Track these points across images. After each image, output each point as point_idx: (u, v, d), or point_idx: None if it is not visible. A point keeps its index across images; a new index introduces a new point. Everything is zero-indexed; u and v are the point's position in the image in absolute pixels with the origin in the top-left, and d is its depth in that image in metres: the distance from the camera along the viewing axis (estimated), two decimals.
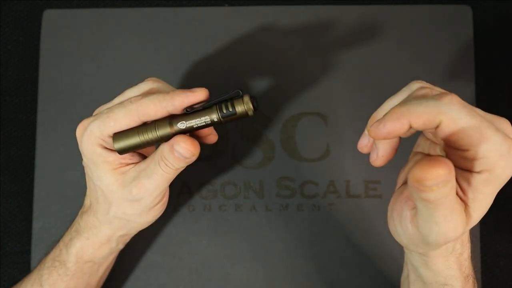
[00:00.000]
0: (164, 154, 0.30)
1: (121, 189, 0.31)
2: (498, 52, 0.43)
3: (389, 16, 0.42)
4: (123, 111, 0.30)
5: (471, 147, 0.24)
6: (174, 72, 0.42)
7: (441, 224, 0.24)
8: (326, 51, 0.42)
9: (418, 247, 0.27)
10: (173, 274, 0.41)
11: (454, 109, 0.24)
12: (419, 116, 0.24)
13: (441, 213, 0.23)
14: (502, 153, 0.23)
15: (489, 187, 0.24)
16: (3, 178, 0.43)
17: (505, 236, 0.42)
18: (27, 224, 0.42)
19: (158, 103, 0.29)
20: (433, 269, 0.29)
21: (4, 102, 0.44)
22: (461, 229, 0.24)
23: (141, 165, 0.31)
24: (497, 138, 0.23)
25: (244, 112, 0.29)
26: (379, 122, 0.25)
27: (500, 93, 0.43)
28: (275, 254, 0.41)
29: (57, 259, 0.34)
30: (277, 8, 0.43)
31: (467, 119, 0.23)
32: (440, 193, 0.22)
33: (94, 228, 0.33)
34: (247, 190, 0.41)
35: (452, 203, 0.23)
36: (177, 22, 0.43)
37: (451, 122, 0.24)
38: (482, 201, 0.25)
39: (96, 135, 0.30)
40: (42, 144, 0.42)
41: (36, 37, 0.44)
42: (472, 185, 0.24)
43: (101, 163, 0.31)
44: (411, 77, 0.42)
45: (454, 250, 0.29)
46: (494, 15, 0.44)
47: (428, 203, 0.23)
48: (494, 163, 0.24)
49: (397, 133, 0.24)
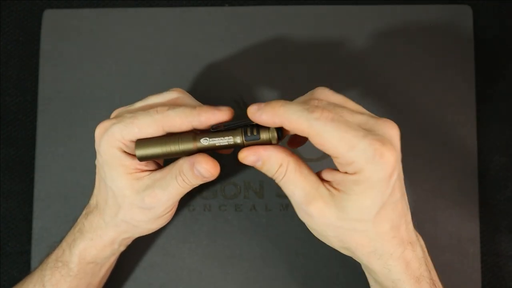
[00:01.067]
0: (183, 170, 0.30)
1: (134, 195, 0.31)
2: (498, 52, 0.43)
3: (389, 16, 0.42)
4: (149, 119, 0.30)
5: (339, 155, 0.27)
6: (174, 72, 0.42)
7: (291, 197, 0.29)
8: (326, 51, 0.42)
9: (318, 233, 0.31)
10: (173, 274, 0.41)
11: (320, 124, 0.27)
12: (290, 123, 0.27)
13: (288, 187, 0.29)
14: (367, 157, 0.26)
15: (360, 186, 0.27)
16: (3, 178, 0.43)
17: (505, 236, 0.42)
18: (27, 224, 0.42)
19: (185, 117, 0.29)
20: (377, 273, 0.30)
21: (4, 102, 0.44)
22: (319, 205, 0.28)
23: (157, 175, 0.31)
24: (363, 145, 0.26)
25: (268, 140, 0.29)
26: (260, 108, 0.28)
27: (500, 93, 0.43)
28: (275, 254, 0.41)
29: (59, 259, 0.34)
30: (277, 8, 0.43)
31: (331, 131, 0.27)
32: (267, 170, 0.29)
33: (99, 230, 0.33)
34: (247, 190, 0.41)
35: (296, 181, 0.29)
36: (177, 22, 0.43)
37: (317, 135, 0.27)
38: (357, 199, 0.28)
39: (117, 138, 0.30)
40: (42, 144, 0.42)
41: (36, 37, 0.44)
42: (343, 182, 0.28)
43: (117, 165, 0.31)
44: (411, 77, 0.42)
45: (387, 252, 0.29)
46: (494, 15, 0.44)
47: (275, 180, 0.30)
48: (362, 167, 0.27)
49: (270, 125, 0.28)
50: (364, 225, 0.28)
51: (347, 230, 0.29)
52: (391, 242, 0.29)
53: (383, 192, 0.28)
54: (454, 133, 0.41)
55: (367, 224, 0.28)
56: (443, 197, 0.41)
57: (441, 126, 0.41)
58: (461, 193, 0.41)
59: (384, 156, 0.26)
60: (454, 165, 0.41)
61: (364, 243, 0.29)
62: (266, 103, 0.28)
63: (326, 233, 0.30)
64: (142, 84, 0.42)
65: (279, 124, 0.28)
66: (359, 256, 0.30)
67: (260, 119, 0.28)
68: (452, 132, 0.41)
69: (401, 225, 0.29)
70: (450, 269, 0.40)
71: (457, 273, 0.40)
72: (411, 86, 0.42)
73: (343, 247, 0.30)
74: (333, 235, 0.29)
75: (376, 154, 0.26)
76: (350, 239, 0.29)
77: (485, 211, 0.42)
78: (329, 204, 0.28)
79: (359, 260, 0.31)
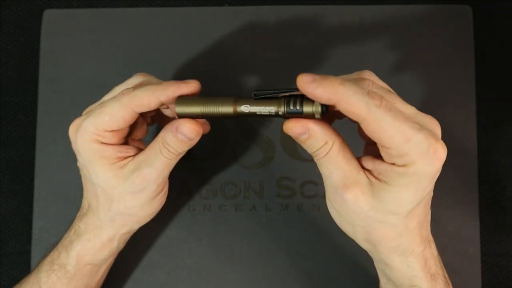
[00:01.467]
0: (166, 140, 0.30)
1: (122, 183, 0.31)
2: (498, 52, 0.43)
3: (389, 16, 0.42)
4: (116, 104, 0.30)
5: (393, 145, 0.26)
6: (174, 72, 0.42)
7: (329, 178, 0.28)
8: (326, 51, 0.42)
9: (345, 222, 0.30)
10: (173, 274, 0.41)
11: (380, 112, 0.25)
12: (348, 104, 0.25)
13: (327, 167, 0.28)
14: (422, 151, 0.26)
15: (405, 179, 0.27)
16: (3, 178, 0.43)
17: (505, 236, 0.42)
18: (27, 224, 0.42)
19: (151, 93, 0.29)
20: (394, 269, 0.30)
21: (4, 102, 0.44)
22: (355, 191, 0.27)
23: (140, 157, 0.31)
24: (418, 137, 0.26)
25: (311, 113, 0.27)
26: (315, 80, 0.26)
27: (500, 93, 0.43)
28: (275, 254, 0.41)
29: (56, 262, 0.34)
30: (277, 8, 0.43)
31: (390, 121, 0.25)
32: (310, 144, 0.28)
33: (96, 229, 0.33)
34: (247, 190, 0.41)
35: (337, 162, 0.28)
36: (177, 22, 0.43)
37: (375, 122, 0.26)
38: (398, 191, 0.27)
39: (91, 131, 0.30)
40: (42, 144, 0.42)
41: (36, 37, 0.44)
42: (387, 172, 0.27)
43: (98, 159, 0.31)
44: (411, 77, 0.42)
45: (409, 249, 0.29)
46: (494, 15, 0.44)
47: (314, 157, 0.28)
48: (414, 160, 0.26)
49: (323, 101, 0.26)
50: (396, 219, 0.28)
51: (377, 221, 0.28)
52: (415, 239, 0.29)
53: (425, 189, 0.27)
54: (454, 133, 0.41)
55: (399, 218, 0.28)
56: (443, 197, 0.41)
57: (441, 126, 0.41)
58: (461, 193, 0.41)
59: (437, 152, 0.26)
60: (454, 165, 0.41)
61: (390, 237, 0.29)
62: (322, 77, 0.26)
63: (354, 222, 0.29)
64: None
65: (334, 103, 0.26)
66: (379, 251, 0.30)
67: (314, 92, 0.26)
68: (452, 132, 0.41)
69: (424, 223, 0.29)
70: (450, 269, 0.40)
71: (457, 273, 0.40)
72: (411, 86, 0.42)
73: (365, 239, 0.30)
74: (362, 224, 0.29)
75: (430, 149, 0.26)
76: (377, 231, 0.29)
77: (485, 211, 0.42)
78: (366, 192, 0.28)
79: (378, 255, 0.30)
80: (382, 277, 0.32)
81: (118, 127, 0.30)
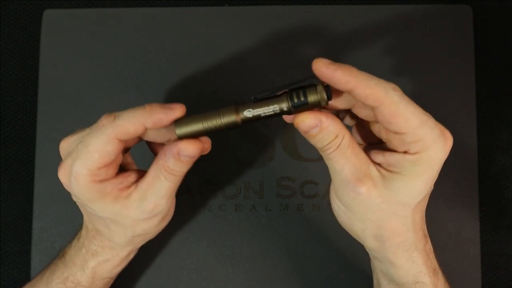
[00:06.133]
0: (170, 166, 0.29)
1: (133, 211, 0.30)
2: (498, 52, 0.43)
3: (389, 16, 0.42)
4: (101, 138, 0.27)
5: (409, 129, 0.26)
6: (173, 72, 0.42)
7: (340, 172, 0.28)
8: (326, 51, 0.42)
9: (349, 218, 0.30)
10: (173, 274, 0.41)
11: (397, 95, 0.26)
12: (367, 87, 0.26)
13: (338, 161, 0.28)
14: (435, 137, 0.26)
15: (418, 167, 0.27)
16: (3, 178, 0.43)
17: (505, 236, 0.42)
18: (27, 224, 0.42)
19: (135, 120, 0.27)
20: (399, 266, 0.30)
21: (4, 102, 0.44)
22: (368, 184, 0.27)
23: (142, 186, 0.30)
24: (431, 123, 0.26)
25: (317, 101, 0.27)
26: (333, 64, 0.26)
27: (500, 93, 0.43)
28: (275, 254, 0.41)
29: (70, 279, 0.33)
30: (277, 8, 0.43)
31: (406, 104, 0.26)
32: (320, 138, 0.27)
33: (113, 250, 0.33)
34: (247, 190, 0.41)
35: (348, 156, 0.27)
36: (177, 22, 0.43)
37: (393, 104, 0.26)
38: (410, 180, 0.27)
39: (85, 174, 0.28)
40: (42, 144, 0.42)
41: (36, 37, 0.44)
42: (399, 162, 0.27)
43: (100, 198, 0.29)
44: (411, 77, 0.42)
45: (414, 244, 0.29)
46: (494, 15, 0.44)
47: (321, 152, 0.28)
48: (428, 146, 0.26)
49: (340, 86, 0.26)
50: (406, 210, 0.28)
51: (388, 214, 0.28)
52: (419, 233, 0.30)
53: (434, 177, 0.28)
54: (454, 133, 0.41)
55: (409, 209, 0.28)
56: (443, 197, 0.41)
57: None
58: (461, 193, 0.41)
59: (448, 138, 0.27)
60: (454, 165, 0.41)
61: (399, 231, 0.29)
62: (338, 63, 0.26)
63: (366, 216, 0.29)
64: (142, 84, 0.42)
65: (352, 86, 0.25)
66: (386, 248, 0.30)
67: (333, 74, 0.25)
68: (452, 132, 0.41)
69: (423, 217, 0.30)
70: (450, 269, 0.40)
71: (457, 273, 0.40)
72: (411, 86, 0.42)
73: (374, 236, 0.29)
74: (373, 218, 0.29)
75: (442, 135, 0.27)
76: (388, 224, 0.29)
77: (485, 211, 0.42)
78: (378, 184, 0.28)
79: (384, 253, 0.30)
80: (383, 279, 0.32)
81: (110, 160, 0.28)
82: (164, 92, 0.42)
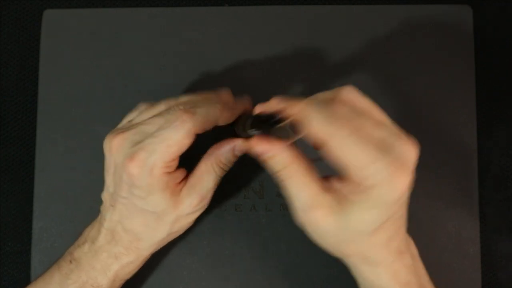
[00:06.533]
0: (222, 161, 0.33)
1: (180, 206, 0.32)
2: (499, 52, 0.43)
3: (389, 16, 0.42)
4: (181, 133, 0.30)
5: (352, 171, 0.27)
6: (174, 72, 0.42)
7: (294, 199, 0.29)
8: (326, 51, 0.42)
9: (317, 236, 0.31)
10: (173, 274, 0.41)
11: (343, 136, 0.26)
12: (313, 127, 0.27)
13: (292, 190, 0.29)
14: (383, 178, 0.26)
15: (367, 203, 0.27)
16: (3, 178, 0.43)
17: (505, 236, 0.42)
18: (27, 224, 0.42)
19: (212, 119, 0.31)
20: (364, 278, 0.31)
21: (4, 102, 0.44)
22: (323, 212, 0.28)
23: (191, 181, 0.33)
24: (380, 164, 0.26)
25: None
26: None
27: (500, 93, 0.43)
28: (275, 254, 0.41)
29: (90, 282, 0.33)
30: (277, 8, 0.43)
31: (351, 145, 0.26)
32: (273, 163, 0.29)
33: (140, 251, 0.34)
34: (247, 190, 0.41)
35: (304, 183, 0.28)
36: (177, 22, 0.43)
37: (338, 146, 0.27)
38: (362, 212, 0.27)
39: (160, 166, 0.30)
40: (42, 144, 0.42)
41: (36, 37, 0.44)
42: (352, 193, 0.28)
43: (163, 190, 0.31)
44: (411, 77, 0.42)
45: (377, 260, 0.30)
46: (494, 15, 0.44)
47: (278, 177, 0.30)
48: (375, 185, 0.26)
49: None
50: (363, 236, 0.29)
51: (345, 240, 0.29)
52: (383, 251, 0.30)
53: (388, 211, 0.28)
54: (454, 133, 0.41)
55: (365, 236, 0.29)
56: (443, 197, 0.41)
57: (441, 126, 0.41)
58: (461, 193, 0.41)
59: (399, 181, 0.26)
60: (454, 165, 0.41)
61: (358, 252, 0.30)
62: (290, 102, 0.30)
63: (324, 240, 0.30)
64: (142, 84, 0.42)
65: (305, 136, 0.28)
66: (351, 261, 0.31)
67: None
68: (452, 132, 0.41)
69: (395, 236, 0.30)
70: (450, 269, 0.40)
71: (457, 273, 0.40)
72: (410, 86, 0.42)
73: (336, 252, 0.31)
74: (331, 242, 0.30)
75: (392, 177, 0.26)
76: (346, 247, 0.30)
77: (485, 211, 0.42)
78: (332, 212, 0.28)
79: (351, 265, 0.32)
80: (360, 285, 0.33)
81: (181, 153, 0.31)
82: (164, 92, 0.42)
